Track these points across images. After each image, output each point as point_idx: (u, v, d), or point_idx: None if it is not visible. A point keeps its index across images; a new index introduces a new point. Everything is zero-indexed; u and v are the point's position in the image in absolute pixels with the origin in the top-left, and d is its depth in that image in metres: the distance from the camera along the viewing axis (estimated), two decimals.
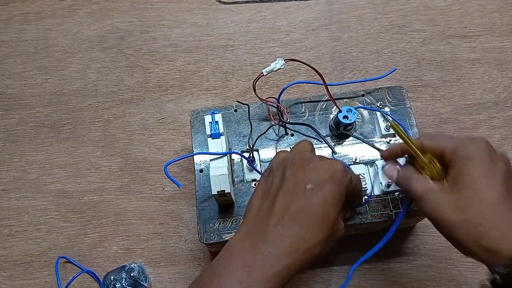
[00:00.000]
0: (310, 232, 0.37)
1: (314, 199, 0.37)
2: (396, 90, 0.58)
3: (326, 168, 0.39)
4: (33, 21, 0.77)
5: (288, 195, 0.38)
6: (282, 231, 0.36)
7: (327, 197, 0.37)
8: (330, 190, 0.38)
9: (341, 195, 0.38)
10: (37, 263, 0.60)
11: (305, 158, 0.40)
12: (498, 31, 0.73)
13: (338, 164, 0.39)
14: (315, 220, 0.37)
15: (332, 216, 0.38)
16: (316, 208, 0.37)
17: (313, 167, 0.39)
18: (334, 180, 0.38)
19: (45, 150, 0.67)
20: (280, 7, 0.77)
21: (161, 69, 0.72)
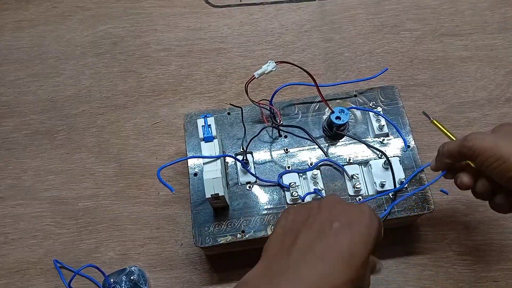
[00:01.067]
0: (336, 272, 0.34)
1: (341, 237, 0.35)
2: (389, 90, 0.58)
3: (355, 210, 0.37)
4: (26, 28, 0.78)
5: (313, 232, 0.36)
6: (305, 269, 0.34)
7: (355, 237, 0.35)
8: (358, 230, 0.36)
9: (370, 237, 0.36)
10: (33, 270, 0.60)
11: (332, 200, 0.39)
12: (490, 28, 0.74)
13: (367, 208, 0.38)
14: (341, 260, 0.34)
15: (359, 257, 0.35)
16: (343, 248, 0.35)
17: (340, 208, 0.38)
18: (362, 222, 0.36)
19: (40, 157, 0.67)
20: (272, 9, 0.78)
21: (154, 74, 0.72)
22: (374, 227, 0.37)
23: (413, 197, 0.52)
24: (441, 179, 0.61)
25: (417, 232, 0.60)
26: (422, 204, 0.51)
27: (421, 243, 0.60)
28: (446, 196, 0.62)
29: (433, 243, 0.59)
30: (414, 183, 0.53)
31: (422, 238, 0.60)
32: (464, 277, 0.57)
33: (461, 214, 0.61)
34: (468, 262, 0.58)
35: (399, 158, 0.54)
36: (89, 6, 0.79)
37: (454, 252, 0.59)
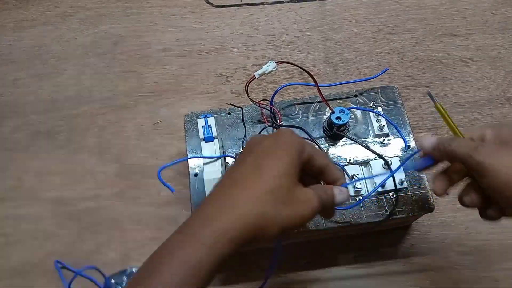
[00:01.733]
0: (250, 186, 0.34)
1: (253, 156, 0.36)
2: (389, 90, 0.58)
3: (271, 136, 0.38)
4: (26, 28, 0.78)
5: (232, 168, 0.37)
6: (221, 195, 0.35)
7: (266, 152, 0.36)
8: (271, 147, 0.36)
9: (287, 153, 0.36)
10: (34, 272, 0.60)
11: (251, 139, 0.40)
12: (490, 29, 0.73)
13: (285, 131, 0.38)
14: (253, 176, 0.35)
15: (276, 167, 0.35)
16: (255, 163, 0.36)
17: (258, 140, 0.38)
18: (276, 142, 0.37)
19: (41, 157, 0.67)
20: (272, 9, 0.78)
21: (155, 74, 0.72)
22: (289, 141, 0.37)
23: (414, 197, 0.52)
24: None
25: (418, 232, 0.60)
26: (423, 204, 0.51)
27: (422, 243, 0.60)
28: (446, 196, 0.61)
29: (434, 243, 0.59)
30: (415, 183, 0.52)
31: (422, 238, 0.60)
32: (464, 277, 0.57)
33: (461, 214, 0.61)
34: (469, 262, 0.58)
35: (399, 158, 0.54)
36: (89, 6, 0.79)
37: (455, 252, 0.59)
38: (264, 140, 0.38)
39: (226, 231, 0.33)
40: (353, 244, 0.60)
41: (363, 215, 0.51)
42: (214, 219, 0.33)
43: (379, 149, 0.54)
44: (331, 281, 0.58)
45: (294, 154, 0.36)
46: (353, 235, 0.59)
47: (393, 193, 0.52)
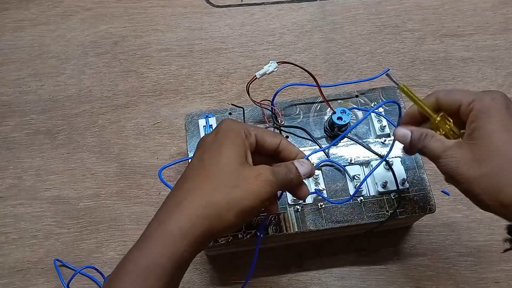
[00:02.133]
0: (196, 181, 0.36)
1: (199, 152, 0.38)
2: (390, 90, 0.58)
3: (213, 130, 0.40)
4: (27, 28, 0.77)
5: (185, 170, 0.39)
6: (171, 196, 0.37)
7: (209, 146, 0.38)
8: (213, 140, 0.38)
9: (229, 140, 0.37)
10: (34, 270, 0.60)
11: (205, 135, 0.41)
12: (491, 29, 0.73)
13: (224, 121, 0.40)
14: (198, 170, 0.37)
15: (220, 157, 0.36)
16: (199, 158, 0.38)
17: (204, 137, 0.40)
18: (217, 133, 0.38)
19: (41, 156, 0.67)
20: (273, 9, 0.77)
21: (155, 74, 0.72)
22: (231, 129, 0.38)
23: (415, 198, 0.52)
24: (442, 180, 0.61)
25: (418, 233, 0.60)
26: (423, 205, 0.51)
27: (423, 244, 0.60)
28: (447, 197, 0.62)
29: (434, 244, 0.59)
30: (416, 183, 0.52)
31: (423, 239, 0.60)
32: (465, 278, 0.57)
33: (462, 214, 0.61)
34: (470, 263, 0.58)
35: (400, 159, 0.54)
36: (90, 5, 0.79)
37: (456, 253, 0.59)
38: (206, 136, 0.39)
39: (177, 228, 0.33)
40: (353, 244, 0.60)
41: (364, 215, 0.51)
42: (163, 220, 0.34)
43: (380, 150, 0.54)
44: (331, 281, 0.58)
45: (237, 139, 0.37)
46: (354, 236, 0.59)
47: (394, 194, 0.52)
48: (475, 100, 0.37)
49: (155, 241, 0.33)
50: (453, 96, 0.39)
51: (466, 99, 0.38)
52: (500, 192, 0.34)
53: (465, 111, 0.38)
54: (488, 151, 0.35)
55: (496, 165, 0.35)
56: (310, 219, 0.51)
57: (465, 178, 0.36)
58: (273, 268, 0.59)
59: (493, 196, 0.35)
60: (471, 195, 0.37)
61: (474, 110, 0.37)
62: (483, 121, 0.36)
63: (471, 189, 0.36)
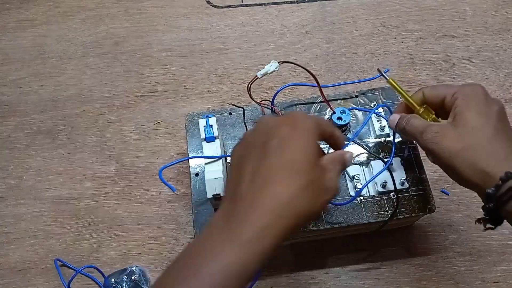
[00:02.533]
0: (281, 186, 0.34)
1: (278, 151, 0.35)
2: (390, 91, 0.58)
3: (284, 120, 0.37)
4: (28, 28, 0.78)
5: (253, 159, 0.36)
6: (255, 195, 0.34)
7: (291, 146, 0.35)
8: (293, 137, 0.36)
9: (307, 139, 0.36)
10: (34, 270, 0.60)
11: (263, 120, 0.39)
12: (491, 29, 0.74)
13: (296, 112, 0.39)
14: (283, 172, 0.35)
15: (301, 163, 0.35)
16: (281, 160, 0.35)
17: (271, 125, 0.37)
18: (294, 128, 0.36)
19: (41, 156, 0.67)
20: (273, 10, 0.78)
21: (156, 74, 0.73)
22: (308, 127, 0.37)
23: (414, 197, 0.52)
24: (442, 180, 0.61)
25: (418, 232, 0.60)
26: (423, 204, 0.52)
27: (422, 243, 0.60)
28: (447, 196, 0.62)
29: (434, 244, 0.59)
30: (415, 183, 0.53)
31: (423, 239, 0.60)
32: (465, 278, 0.57)
33: (462, 214, 0.61)
34: (469, 263, 0.58)
35: (400, 159, 0.54)
36: (90, 6, 0.79)
37: (455, 253, 0.59)
38: (280, 125, 0.37)
39: (273, 236, 0.33)
40: (353, 244, 0.60)
41: (364, 215, 0.51)
42: (259, 225, 0.33)
43: (380, 150, 0.54)
44: (331, 281, 0.58)
45: (314, 139, 0.37)
46: (353, 236, 0.59)
47: (394, 194, 0.52)
48: (457, 91, 0.42)
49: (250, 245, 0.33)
50: (438, 91, 0.44)
51: (450, 92, 0.43)
52: (477, 162, 0.39)
53: (449, 102, 0.43)
54: (468, 129, 0.40)
55: (475, 140, 0.40)
56: None
57: (447, 151, 0.40)
58: (273, 268, 0.59)
59: (472, 166, 0.39)
60: (451, 169, 0.41)
61: (457, 99, 0.42)
62: (464, 107, 0.41)
63: (452, 163, 0.40)
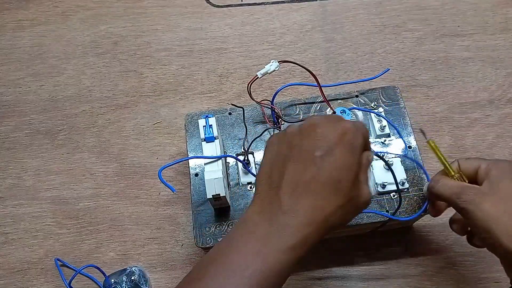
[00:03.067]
0: (326, 201, 0.35)
1: (325, 165, 0.35)
2: (390, 90, 0.58)
3: (335, 131, 0.36)
4: (27, 28, 0.77)
5: (297, 164, 0.36)
6: (297, 202, 0.35)
7: (338, 162, 0.35)
8: (341, 154, 0.36)
9: (355, 156, 0.36)
10: (34, 270, 0.60)
11: (312, 123, 0.38)
12: (491, 29, 0.73)
13: (348, 124, 0.37)
14: (328, 188, 0.35)
15: (346, 181, 0.36)
16: (327, 175, 0.35)
17: (320, 133, 0.37)
18: (344, 143, 0.36)
19: (41, 156, 0.67)
20: (273, 9, 0.77)
21: (155, 74, 0.72)
22: (358, 144, 0.37)
23: (414, 198, 0.52)
24: None
25: (418, 233, 0.60)
26: (423, 205, 0.51)
27: (422, 244, 0.59)
28: None
29: (434, 244, 0.59)
30: (415, 183, 0.52)
31: (423, 239, 0.60)
32: (465, 278, 0.57)
33: None
34: (469, 263, 0.58)
35: (400, 159, 0.53)
36: (90, 5, 0.79)
37: (455, 253, 0.59)
38: (330, 135, 0.36)
39: (310, 244, 0.35)
40: (353, 244, 0.59)
41: (364, 215, 0.51)
42: (301, 231, 0.35)
43: (380, 150, 0.54)
44: (331, 281, 0.58)
45: (360, 154, 0.37)
46: (353, 236, 0.59)
47: (394, 194, 0.52)
48: (490, 164, 0.43)
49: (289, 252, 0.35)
50: (472, 162, 0.44)
51: (483, 164, 0.43)
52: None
53: (482, 173, 0.43)
54: (509, 197, 0.40)
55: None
56: None
57: (486, 213, 0.39)
58: None
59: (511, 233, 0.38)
60: (485, 232, 0.39)
61: (491, 170, 0.42)
62: (500, 177, 0.41)
63: (489, 226, 0.39)
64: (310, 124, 0.38)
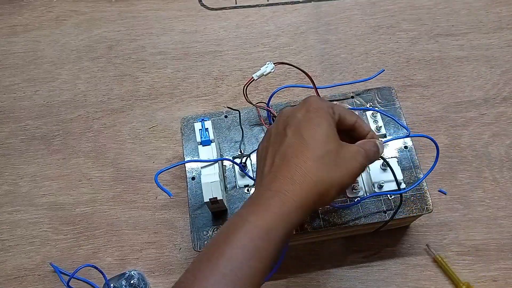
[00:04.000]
0: (300, 158, 0.37)
1: (294, 134, 0.39)
2: (386, 91, 0.58)
3: (299, 108, 0.40)
4: (20, 33, 0.77)
5: (273, 146, 0.40)
6: (277, 172, 0.38)
7: (303, 123, 0.39)
8: (308, 119, 0.39)
9: (322, 119, 0.39)
10: (31, 277, 0.60)
11: (283, 113, 0.42)
12: (485, 28, 0.74)
13: (310, 98, 0.41)
14: (300, 149, 0.38)
15: (318, 137, 0.38)
16: (297, 139, 0.38)
17: (289, 113, 0.41)
18: (309, 111, 0.39)
19: (36, 162, 0.67)
20: (267, 11, 0.77)
21: (150, 77, 0.72)
22: (321, 107, 0.39)
23: (411, 197, 0.52)
24: (439, 180, 0.61)
25: (416, 232, 0.60)
26: (421, 204, 0.51)
27: (420, 243, 0.60)
28: (444, 196, 0.62)
29: (432, 244, 0.59)
30: (413, 183, 0.52)
31: (420, 239, 0.60)
32: (463, 277, 0.57)
33: (459, 214, 0.61)
34: (467, 262, 0.58)
35: (397, 159, 0.54)
36: (83, 10, 0.78)
37: (453, 252, 0.59)
38: (296, 112, 0.40)
39: (292, 201, 0.36)
40: (351, 245, 0.59)
41: (362, 216, 0.51)
42: (279, 191, 0.36)
43: None
44: (330, 283, 0.58)
45: (328, 117, 0.39)
46: (351, 236, 0.59)
47: (391, 194, 0.52)
48: None
49: (273, 209, 0.36)
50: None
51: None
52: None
53: None
54: None
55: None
56: (308, 221, 0.51)
57: None
58: None
59: None
60: None
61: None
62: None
63: None
64: (281, 113, 0.42)
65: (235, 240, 0.34)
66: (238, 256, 0.34)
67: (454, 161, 0.64)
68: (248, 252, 0.34)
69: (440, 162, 0.63)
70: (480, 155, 0.64)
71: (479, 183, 0.62)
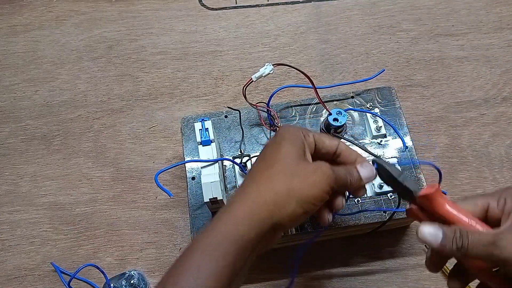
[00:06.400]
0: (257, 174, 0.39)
1: (260, 155, 0.41)
2: (386, 91, 0.58)
3: (274, 137, 0.42)
4: (20, 33, 0.77)
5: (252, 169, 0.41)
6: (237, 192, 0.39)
7: (267, 148, 0.41)
8: (271, 142, 0.41)
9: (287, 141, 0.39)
10: (31, 277, 0.60)
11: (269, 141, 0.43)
12: (485, 28, 0.74)
13: (281, 127, 0.45)
14: (261, 168, 0.39)
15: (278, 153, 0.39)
16: (261, 158, 0.40)
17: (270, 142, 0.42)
18: (275, 136, 0.41)
19: (36, 162, 0.67)
20: (268, 11, 0.77)
21: (150, 77, 0.72)
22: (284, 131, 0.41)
23: None
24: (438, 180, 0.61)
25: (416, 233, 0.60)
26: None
27: (420, 244, 0.59)
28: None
29: None
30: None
31: None
32: None
33: None
34: None
35: (397, 159, 0.54)
36: (84, 10, 0.78)
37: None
38: (268, 143, 0.42)
39: (240, 212, 0.37)
40: (351, 245, 0.59)
41: (362, 216, 0.51)
42: (230, 205, 0.37)
43: (377, 151, 0.54)
44: (330, 283, 0.58)
45: (295, 140, 0.40)
46: (351, 237, 0.59)
47: (391, 194, 0.52)
48: (502, 195, 0.37)
49: (221, 222, 0.36)
50: (477, 201, 0.38)
51: (492, 200, 0.37)
52: None
53: (495, 210, 0.37)
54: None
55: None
56: (308, 221, 0.51)
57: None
58: (272, 270, 0.59)
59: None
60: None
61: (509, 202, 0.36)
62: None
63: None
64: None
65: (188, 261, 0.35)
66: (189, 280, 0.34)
67: (454, 161, 0.64)
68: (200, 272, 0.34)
69: (440, 162, 0.63)
70: (480, 155, 0.64)
71: (479, 183, 0.62)
